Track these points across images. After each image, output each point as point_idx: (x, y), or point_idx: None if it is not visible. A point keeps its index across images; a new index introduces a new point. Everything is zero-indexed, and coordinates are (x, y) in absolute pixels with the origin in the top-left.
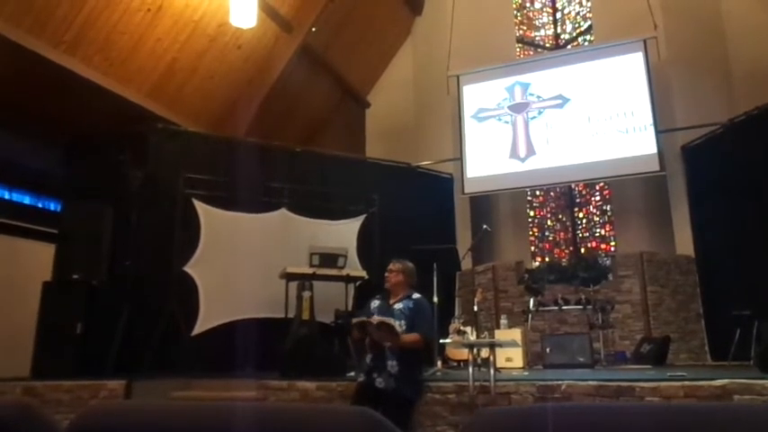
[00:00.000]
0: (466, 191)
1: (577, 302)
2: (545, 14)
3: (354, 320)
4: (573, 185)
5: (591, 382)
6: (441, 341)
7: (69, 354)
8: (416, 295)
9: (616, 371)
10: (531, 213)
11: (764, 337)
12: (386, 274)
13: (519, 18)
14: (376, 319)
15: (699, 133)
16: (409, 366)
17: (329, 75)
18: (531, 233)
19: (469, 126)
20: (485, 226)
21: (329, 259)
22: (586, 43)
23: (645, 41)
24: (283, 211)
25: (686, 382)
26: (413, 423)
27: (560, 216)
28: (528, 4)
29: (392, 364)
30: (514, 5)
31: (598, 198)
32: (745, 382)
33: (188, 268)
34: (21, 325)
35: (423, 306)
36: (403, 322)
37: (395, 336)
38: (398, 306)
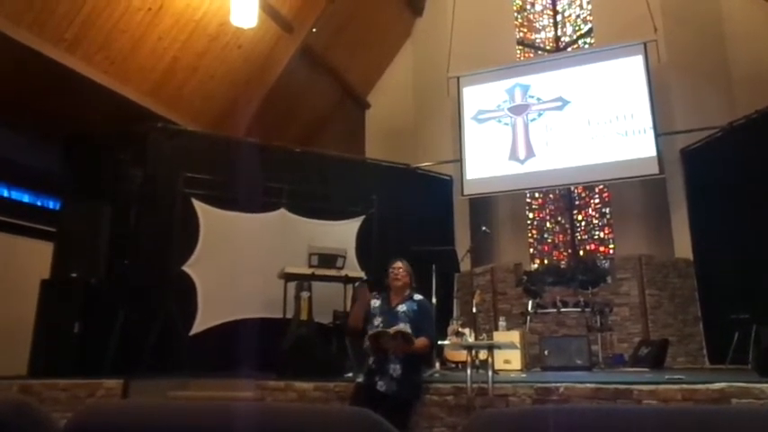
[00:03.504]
0: (465, 192)
1: (576, 305)
2: (545, 17)
3: (370, 332)
4: (572, 188)
5: (589, 385)
6: (439, 342)
7: (67, 352)
8: (418, 296)
9: (614, 373)
10: (530, 215)
11: (762, 340)
12: (396, 273)
13: (519, 20)
14: (393, 329)
15: (698, 137)
16: (411, 370)
17: (329, 75)
18: (529, 235)
19: (469, 127)
20: (484, 228)
21: (328, 260)
22: (586, 46)
23: (645, 45)
24: (282, 212)
25: (684, 386)
26: (411, 424)
27: (559, 218)
28: (528, 7)
29: (395, 368)
30: (515, 8)
31: (597, 201)
32: (743, 386)
33: (186, 268)
34: (18, 323)
35: (427, 307)
36: (407, 324)
37: (410, 344)
38: (402, 308)
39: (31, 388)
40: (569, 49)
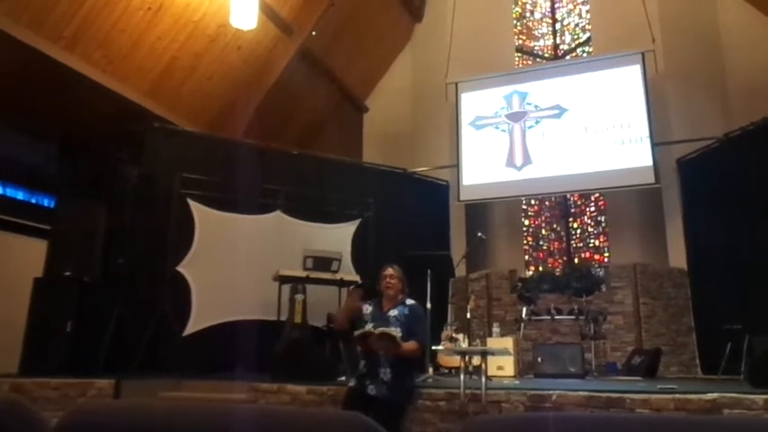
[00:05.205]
0: (461, 198)
1: (570, 312)
2: (544, 25)
3: (356, 333)
4: (568, 195)
5: (582, 393)
6: (433, 348)
7: (59, 351)
8: (410, 301)
9: (607, 382)
10: (526, 222)
11: (755, 351)
12: (388, 281)
13: (518, 28)
14: (378, 330)
15: (694, 147)
16: (402, 374)
17: (328, 78)
18: (525, 242)
19: (466, 133)
20: (479, 233)
21: (323, 263)
22: (585, 54)
23: (643, 54)
24: (278, 214)
25: (677, 395)
26: (403, 429)
27: (555, 226)
28: (528, 14)
29: (385, 372)
30: (514, 15)
31: (593, 209)
32: (736, 396)
33: (181, 268)
34: (10, 321)
35: (418, 312)
36: (399, 329)
37: (396, 345)
38: (393, 313)
39: (23, 387)
40: (568, 58)
